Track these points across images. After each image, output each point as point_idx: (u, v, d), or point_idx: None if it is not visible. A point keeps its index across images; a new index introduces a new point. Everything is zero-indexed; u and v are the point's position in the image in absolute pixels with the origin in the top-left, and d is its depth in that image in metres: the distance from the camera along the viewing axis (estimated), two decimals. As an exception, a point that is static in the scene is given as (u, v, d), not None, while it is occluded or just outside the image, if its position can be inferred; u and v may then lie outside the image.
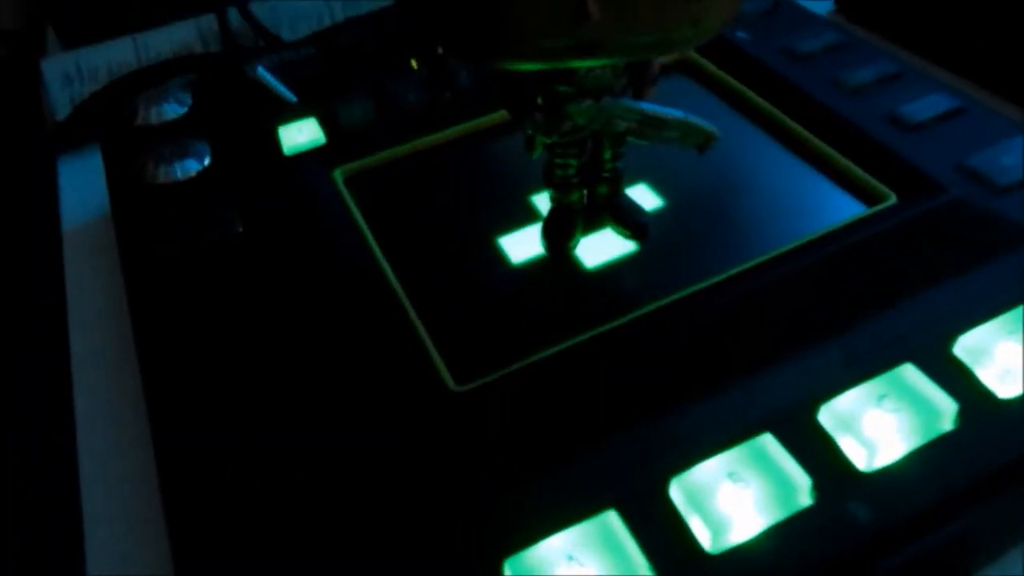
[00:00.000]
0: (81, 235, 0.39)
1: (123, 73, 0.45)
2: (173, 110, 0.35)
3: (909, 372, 0.24)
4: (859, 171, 0.29)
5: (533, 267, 0.29)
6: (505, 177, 0.32)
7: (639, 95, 0.26)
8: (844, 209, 0.28)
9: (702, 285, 0.26)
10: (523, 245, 0.29)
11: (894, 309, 0.25)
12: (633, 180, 0.31)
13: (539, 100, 0.24)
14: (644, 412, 0.23)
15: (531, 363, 0.24)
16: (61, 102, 0.46)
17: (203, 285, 0.27)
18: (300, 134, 0.34)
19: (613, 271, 0.28)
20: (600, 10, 0.19)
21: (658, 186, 0.31)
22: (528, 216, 0.30)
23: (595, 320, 0.26)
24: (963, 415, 0.22)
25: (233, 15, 0.48)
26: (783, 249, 0.27)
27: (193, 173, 0.31)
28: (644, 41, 0.21)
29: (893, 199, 0.28)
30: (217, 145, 0.33)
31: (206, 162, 0.32)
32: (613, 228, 0.29)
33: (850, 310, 0.25)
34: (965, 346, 0.24)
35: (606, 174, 0.28)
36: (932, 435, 0.22)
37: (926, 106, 0.32)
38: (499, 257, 0.29)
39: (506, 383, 0.24)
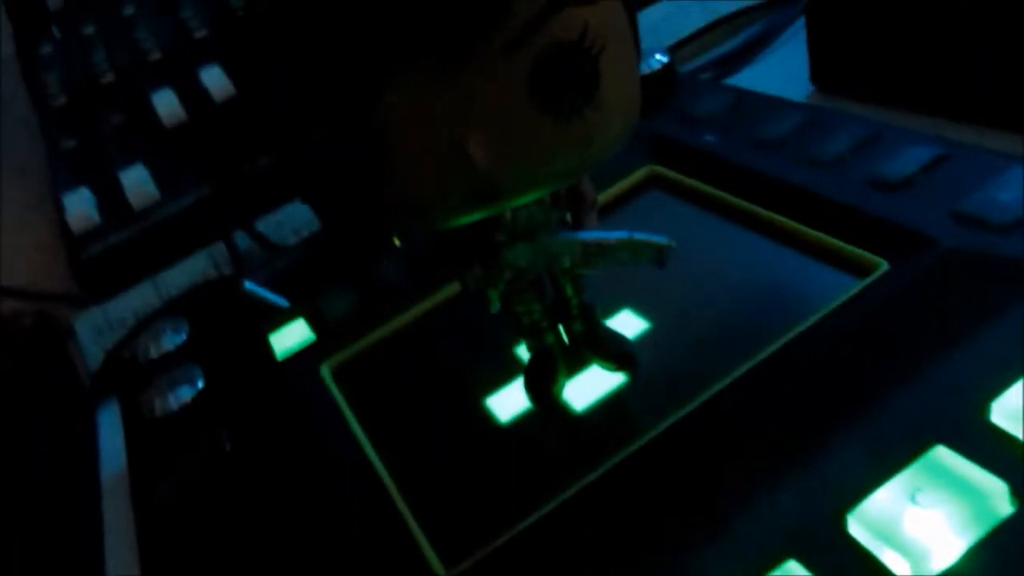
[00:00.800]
0: (118, 481, 0.40)
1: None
2: (171, 341, 0.36)
3: (942, 454, 0.21)
4: (844, 245, 0.27)
5: (522, 423, 0.27)
6: (486, 334, 0.31)
7: (579, 224, 0.25)
8: (835, 287, 0.26)
9: (695, 404, 0.24)
10: (510, 402, 0.28)
11: (911, 385, 0.22)
12: (615, 307, 0.30)
13: (472, 253, 0.24)
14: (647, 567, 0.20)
15: (524, 529, 0.22)
16: (94, 354, 0.48)
17: (197, 513, 0.27)
18: (290, 337, 0.34)
19: (606, 408, 0.26)
20: (484, 151, 0.19)
21: (641, 308, 0.29)
22: (513, 370, 0.29)
23: (591, 466, 0.24)
24: (1019, 493, 0.19)
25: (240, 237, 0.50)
26: (777, 344, 0.25)
27: (187, 399, 0.32)
28: (539, 174, 0.20)
29: (884, 266, 0.26)
30: (210, 366, 0.33)
31: (199, 385, 0.32)
32: (597, 363, 0.27)
33: (862, 396, 0.22)
34: (1002, 410, 0.21)
35: (575, 310, 0.26)
36: (989, 525, 0.19)
37: (907, 161, 0.30)
38: (487, 419, 0.27)
39: (498, 558, 0.22)
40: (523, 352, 0.29)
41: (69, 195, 0.52)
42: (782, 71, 0.51)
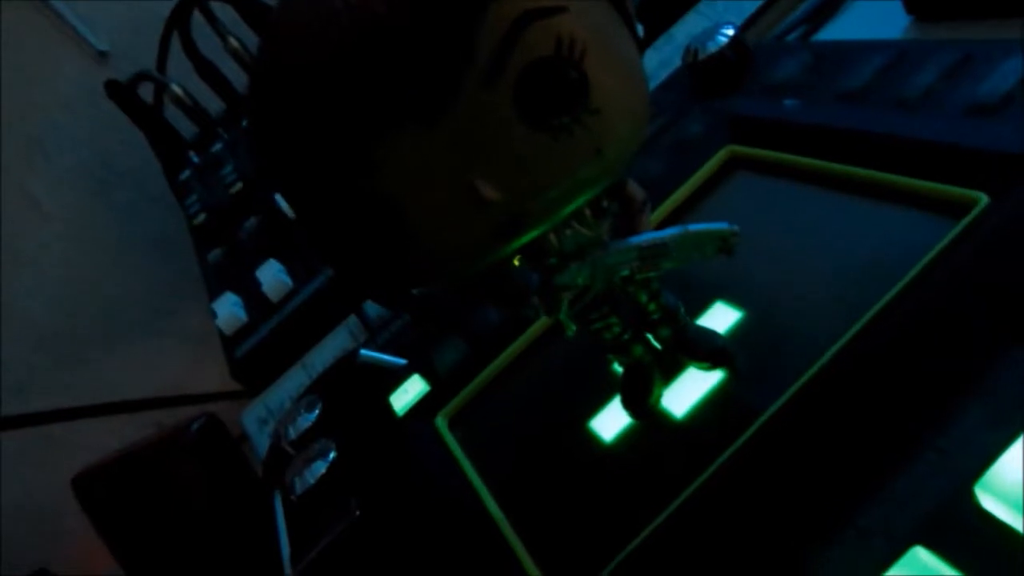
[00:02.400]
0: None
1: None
2: (306, 420, 0.37)
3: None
4: (938, 185, 0.25)
5: (627, 439, 0.26)
6: (583, 356, 0.30)
7: (632, 228, 0.24)
8: (933, 233, 0.23)
9: (794, 392, 0.22)
10: (612, 420, 0.27)
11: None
12: (706, 301, 0.28)
13: (525, 285, 0.23)
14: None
15: (636, 548, 0.22)
16: (262, 444, 0.52)
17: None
18: (408, 393, 0.35)
19: (707, 409, 0.25)
20: (494, 188, 0.19)
21: (733, 297, 0.28)
22: (612, 388, 0.28)
23: (697, 472, 0.23)
24: None
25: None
26: (874, 311, 0.23)
27: (321, 473, 0.33)
28: (556, 193, 0.20)
29: (984, 200, 0.23)
30: (341, 437, 0.35)
31: (331, 458, 0.34)
32: (692, 365, 0.26)
33: (974, 354, 0.20)
34: None
35: (656, 316, 0.25)
36: None
37: (1003, 77, 0.27)
38: (592, 442, 0.27)
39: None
40: (619, 367, 0.28)
41: (218, 302, 0.57)
42: (875, 10, 0.47)
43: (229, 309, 0.55)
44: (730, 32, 0.39)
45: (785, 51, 0.38)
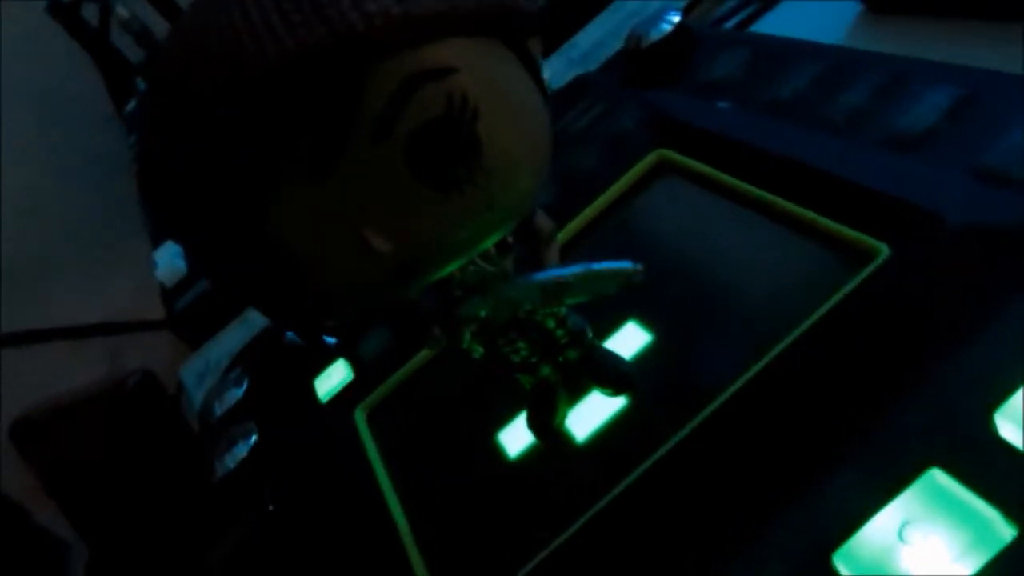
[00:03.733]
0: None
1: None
2: (233, 396, 0.38)
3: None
4: (846, 230, 0.25)
5: (530, 458, 0.27)
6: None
7: (538, 261, 0.24)
8: (837, 278, 0.24)
9: (685, 431, 0.23)
10: (519, 436, 0.27)
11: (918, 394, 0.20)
12: (618, 321, 0.28)
13: (427, 316, 0.24)
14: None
15: (527, 572, 0.23)
16: (199, 398, 0.52)
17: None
18: (331, 379, 0.35)
19: (609, 434, 0.26)
20: (385, 239, 0.19)
21: (644, 318, 0.28)
22: (522, 401, 0.28)
23: (593, 497, 0.23)
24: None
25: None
26: (774, 352, 0.23)
27: (242, 457, 0.34)
28: (449, 245, 0.20)
29: (885, 251, 0.23)
30: (263, 420, 0.35)
31: (251, 441, 0.34)
32: (596, 389, 0.26)
33: (857, 411, 0.21)
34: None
35: (563, 340, 0.26)
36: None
37: (930, 107, 0.27)
38: (497, 455, 0.27)
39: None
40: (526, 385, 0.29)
41: (159, 251, 0.56)
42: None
43: (170, 260, 0.55)
44: (676, 19, 0.39)
45: (726, 44, 0.37)
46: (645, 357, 0.27)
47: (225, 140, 0.17)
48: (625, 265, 0.23)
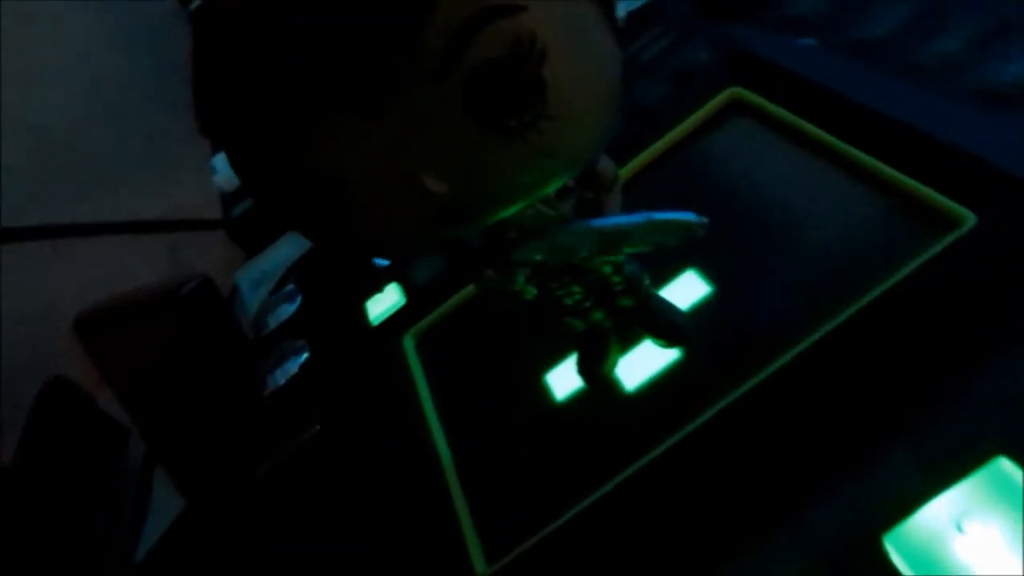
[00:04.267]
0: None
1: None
2: (286, 311, 0.38)
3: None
4: (931, 192, 0.23)
5: (577, 402, 0.27)
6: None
7: (599, 208, 0.23)
8: (916, 245, 0.23)
9: (738, 392, 0.23)
10: (567, 379, 0.27)
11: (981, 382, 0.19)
12: (678, 268, 0.27)
13: (481, 256, 0.23)
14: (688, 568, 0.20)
15: (565, 523, 0.23)
16: (254, 304, 0.53)
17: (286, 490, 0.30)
18: (383, 302, 0.35)
19: (657, 388, 0.25)
20: (441, 182, 0.18)
21: (706, 269, 0.27)
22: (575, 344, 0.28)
23: (635, 452, 0.23)
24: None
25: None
26: (840, 318, 0.22)
27: (292, 373, 0.34)
28: (505, 192, 0.19)
29: (971, 220, 0.22)
30: (315, 338, 0.36)
31: (302, 359, 0.35)
32: (649, 339, 0.26)
33: (924, 387, 0.20)
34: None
35: (619, 287, 0.25)
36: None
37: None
38: (544, 397, 0.27)
39: (537, 554, 0.22)
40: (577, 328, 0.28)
41: (218, 157, 0.56)
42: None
43: (228, 166, 0.55)
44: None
45: (816, -25, 0.35)
46: (702, 309, 0.26)
47: (276, 63, 0.17)
48: (688, 217, 0.22)
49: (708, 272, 0.27)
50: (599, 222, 0.22)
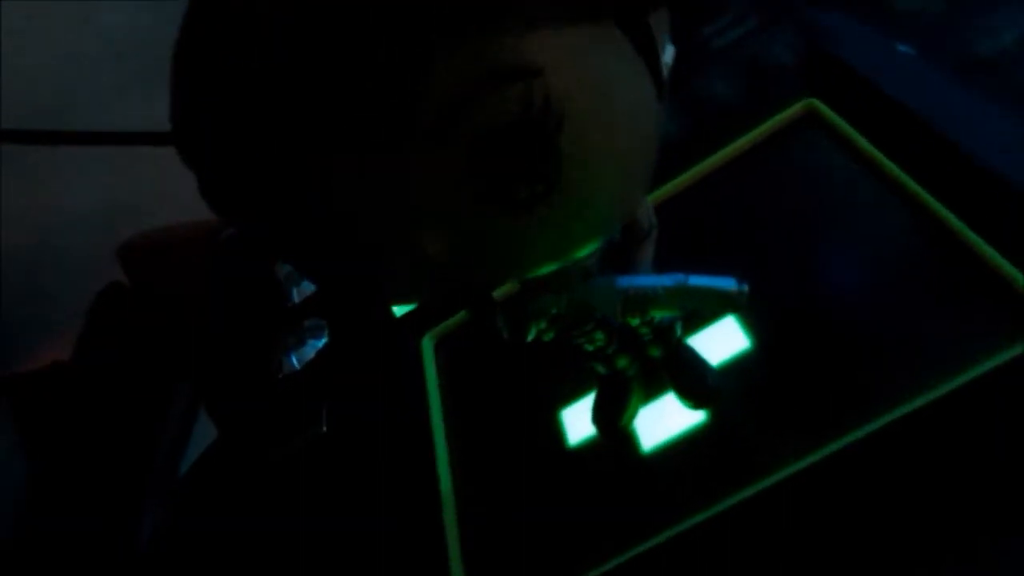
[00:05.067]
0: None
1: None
2: (309, 286, 0.37)
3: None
4: (1017, 275, 0.20)
5: (587, 450, 0.24)
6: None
7: (628, 259, 0.20)
8: (983, 345, 0.19)
9: (779, 475, 0.20)
10: (583, 420, 0.25)
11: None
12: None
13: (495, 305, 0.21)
14: None
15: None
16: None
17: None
18: (408, 292, 0.34)
19: (675, 453, 0.23)
20: (440, 250, 0.16)
21: (749, 318, 0.24)
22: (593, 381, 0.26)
23: (649, 527, 0.21)
24: None
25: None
26: (894, 414, 0.19)
27: (308, 359, 0.33)
28: (514, 261, 0.17)
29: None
30: (336, 323, 0.34)
31: (320, 344, 0.33)
32: (674, 395, 0.23)
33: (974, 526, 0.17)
34: None
35: (648, 336, 0.22)
36: None
37: None
38: (556, 437, 0.25)
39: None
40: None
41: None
42: None
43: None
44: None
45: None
46: (738, 367, 0.23)
47: (271, 95, 0.14)
48: (728, 285, 0.19)
49: (750, 322, 0.24)
50: (625, 281, 0.20)
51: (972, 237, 0.21)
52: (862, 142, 0.25)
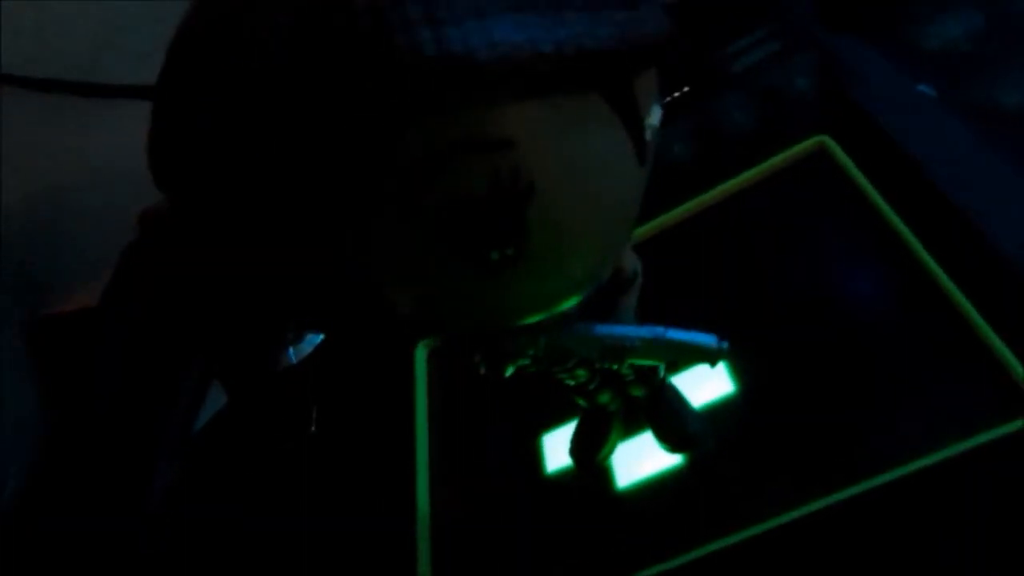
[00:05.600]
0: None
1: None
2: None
3: None
4: (1014, 362, 0.19)
5: (563, 479, 0.25)
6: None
7: (612, 305, 0.20)
8: (978, 420, 0.19)
9: (752, 531, 0.20)
10: (563, 448, 0.25)
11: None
12: (705, 353, 0.24)
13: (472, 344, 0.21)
14: None
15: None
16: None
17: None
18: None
19: (650, 493, 0.23)
20: (410, 306, 0.16)
21: (736, 361, 0.24)
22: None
23: (615, 565, 0.21)
24: None
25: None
26: (882, 479, 0.19)
27: (305, 355, 0.33)
28: (486, 318, 0.17)
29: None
30: (337, 320, 0.34)
31: (318, 340, 0.33)
32: (654, 436, 0.23)
33: None
34: None
35: (630, 376, 0.22)
36: None
37: None
38: (535, 461, 0.25)
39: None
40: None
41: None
42: None
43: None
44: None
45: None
46: (721, 411, 0.23)
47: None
48: (707, 341, 0.19)
49: (737, 366, 0.24)
50: (604, 329, 0.20)
51: (971, 311, 0.21)
52: (869, 190, 0.24)
